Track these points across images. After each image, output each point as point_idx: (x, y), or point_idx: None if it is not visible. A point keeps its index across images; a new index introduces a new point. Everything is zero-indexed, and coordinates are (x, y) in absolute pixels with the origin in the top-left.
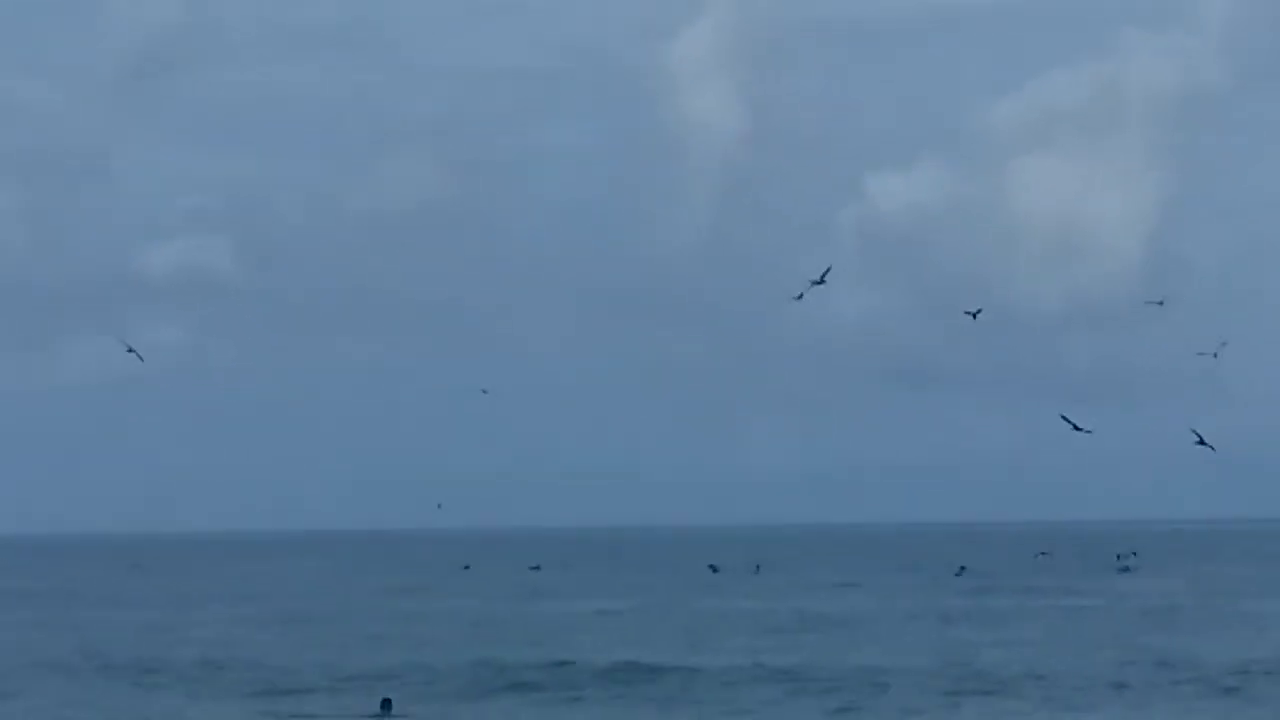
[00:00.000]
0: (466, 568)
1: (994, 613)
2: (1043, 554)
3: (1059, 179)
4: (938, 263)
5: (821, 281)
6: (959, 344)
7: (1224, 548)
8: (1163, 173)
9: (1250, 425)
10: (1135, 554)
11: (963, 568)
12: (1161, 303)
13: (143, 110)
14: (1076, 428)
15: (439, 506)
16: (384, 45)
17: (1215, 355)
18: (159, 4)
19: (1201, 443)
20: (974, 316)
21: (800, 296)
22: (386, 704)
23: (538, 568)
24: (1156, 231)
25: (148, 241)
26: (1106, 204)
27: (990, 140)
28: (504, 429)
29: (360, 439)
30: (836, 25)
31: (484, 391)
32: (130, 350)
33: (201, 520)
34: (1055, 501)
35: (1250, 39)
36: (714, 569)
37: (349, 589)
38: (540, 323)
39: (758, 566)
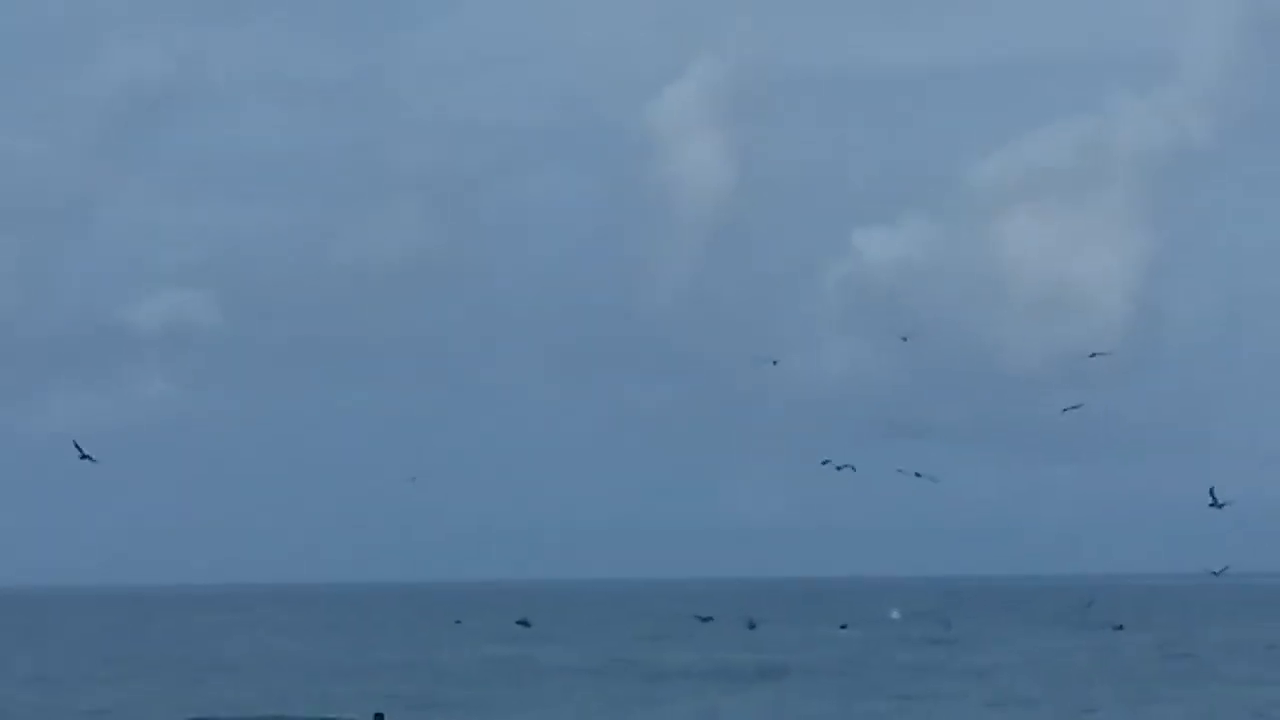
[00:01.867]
0: (458, 622)
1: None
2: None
3: (1045, 235)
4: (924, 317)
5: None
6: (945, 398)
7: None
8: (1148, 229)
9: (1235, 481)
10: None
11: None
12: (1109, 353)
13: (129, 162)
14: (1215, 503)
15: (413, 480)
16: (373, 97)
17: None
18: (146, 55)
19: (1215, 504)
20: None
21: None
22: (379, 718)
23: (526, 623)
24: (1142, 287)
25: (134, 293)
26: (1092, 260)
27: (977, 196)
28: (492, 481)
29: (347, 489)
30: (824, 80)
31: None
32: (84, 456)
33: (190, 573)
34: (1044, 556)
35: (1237, 96)
36: (704, 620)
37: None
38: (527, 374)
39: (751, 623)
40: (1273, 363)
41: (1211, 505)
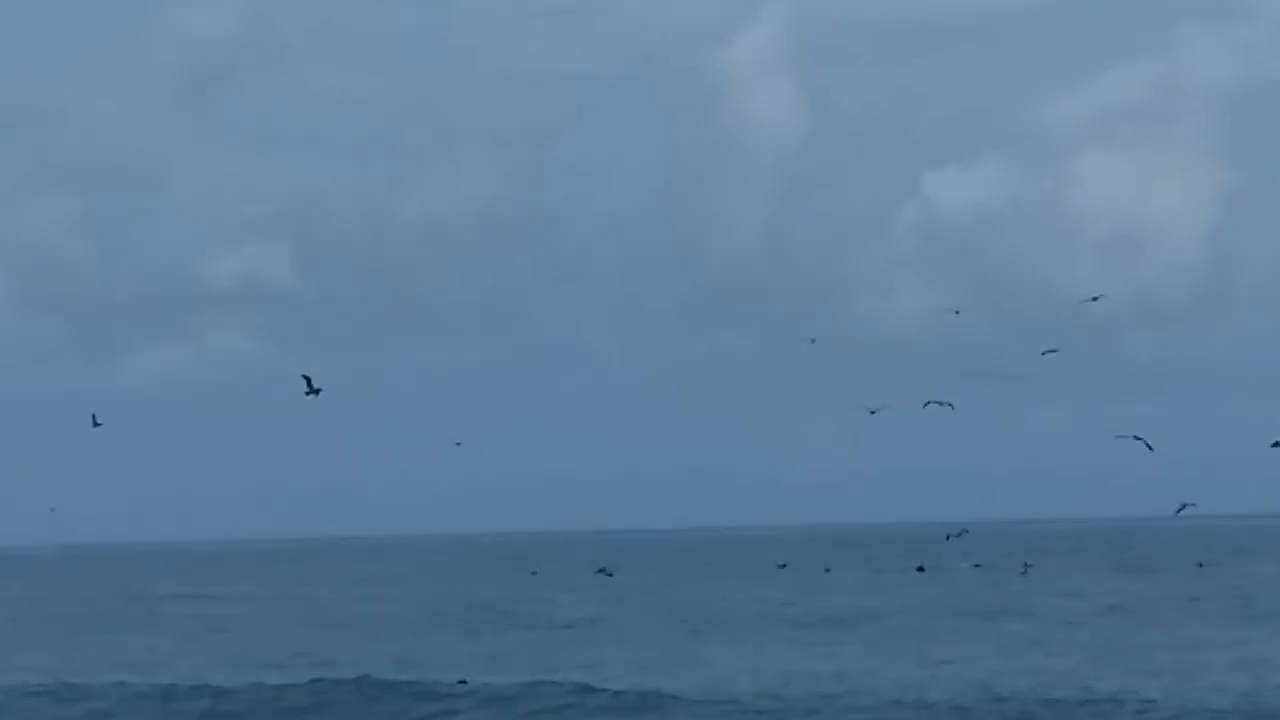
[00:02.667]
0: (534, 573)
1: None
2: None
3: (1120, 176)
4: (999, 260)
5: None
6: (1017, 342)
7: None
8: (1223, 168)
9: None
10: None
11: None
12: (1096, 299)
13: (201, 121)
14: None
15: (458, 444)
16: (440, 51)
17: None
18: (214, 15)
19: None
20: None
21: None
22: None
23: (608, 572)
24: (1218, 227)
25: (209, 250)
26: (1167, 200)
27: (1050, 138)
28: (568, 432)
29: (424, 443)
30: (894, 24)
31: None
32: (97, 424)
33: (270, 527)
34: (1125, 499)
35: None
36: (782, 566)
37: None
38: (599, 326)
39: (827, 568)
40: None
41: (1276, 445)
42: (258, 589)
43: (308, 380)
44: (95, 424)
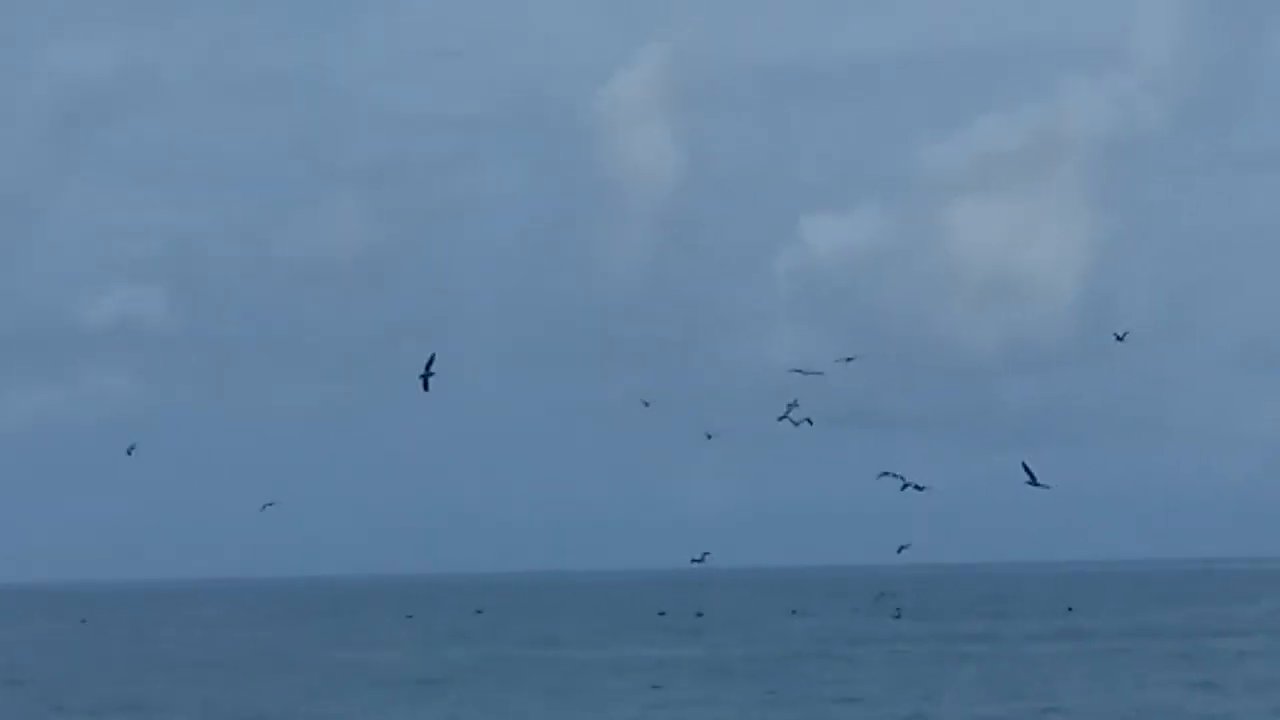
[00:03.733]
0: (409, 617)
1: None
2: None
3: (996, 222)
4: (875, 305)
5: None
6: (895, 385)
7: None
8: (1099, 215)
9: (1187, 465)
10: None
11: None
12: (850, 359)
13: (80, 158)
14: (1034, 481)
15: (266, 506)
16: (320, 91)
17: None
18: (94, 52)
19: (1033, 482)
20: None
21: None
22: None
23: (480, 612)
24: (1092, 273)
25: (84, 290)
26: (1045, 247)
27: (928, 184)
28: (443, 473)
29: (298, 484)
30: (773, 68)
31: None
32: None
33: (142, 569)
34: (998, 543)
35: (1187, 81)
36: (662, 614)
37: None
38: (479, 366)
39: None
40: (1223, 348)
41: (1029, 483)
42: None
43: (427, 366)
44: None
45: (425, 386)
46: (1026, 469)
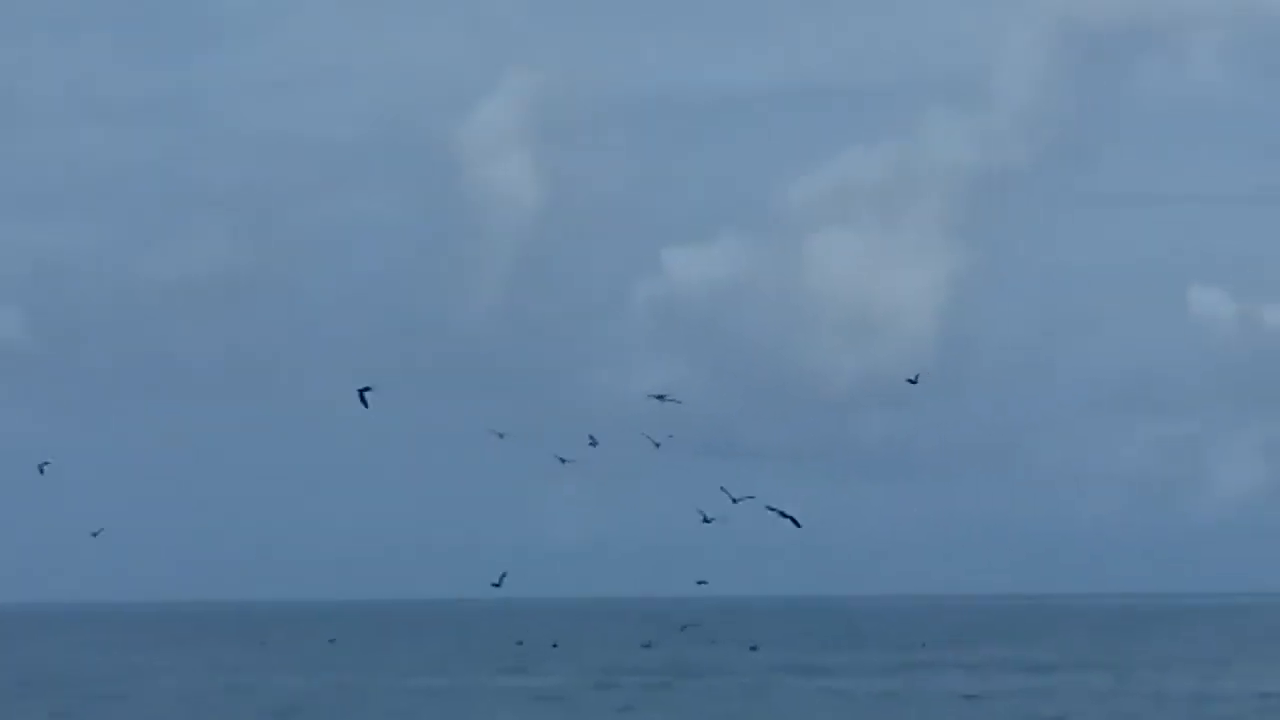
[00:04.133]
0: (262, 643)
1: None
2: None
3: (856, 255)
4: (736, 337)
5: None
6: (755, 419)
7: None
8: (961, 249)
9: (1040, 502)
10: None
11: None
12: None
13: None
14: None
15: (96, 533)
16: (185, 113)
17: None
18: None
19: (785, 515)
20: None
21: (708, 520)
22: None
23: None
24: (952, 307)
25: None
26: (905, 281)
27: (790, 216)
28: (303, 500)
29: (161, 509)
30: (638, 100)
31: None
32: None
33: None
34: (850, 576)
35: (1048, 115)
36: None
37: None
38: (340, 392)
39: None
40: (1083, 384)
41: (705, 521)
42: None
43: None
44: None
45: (364, 404)
46: (774, 509)
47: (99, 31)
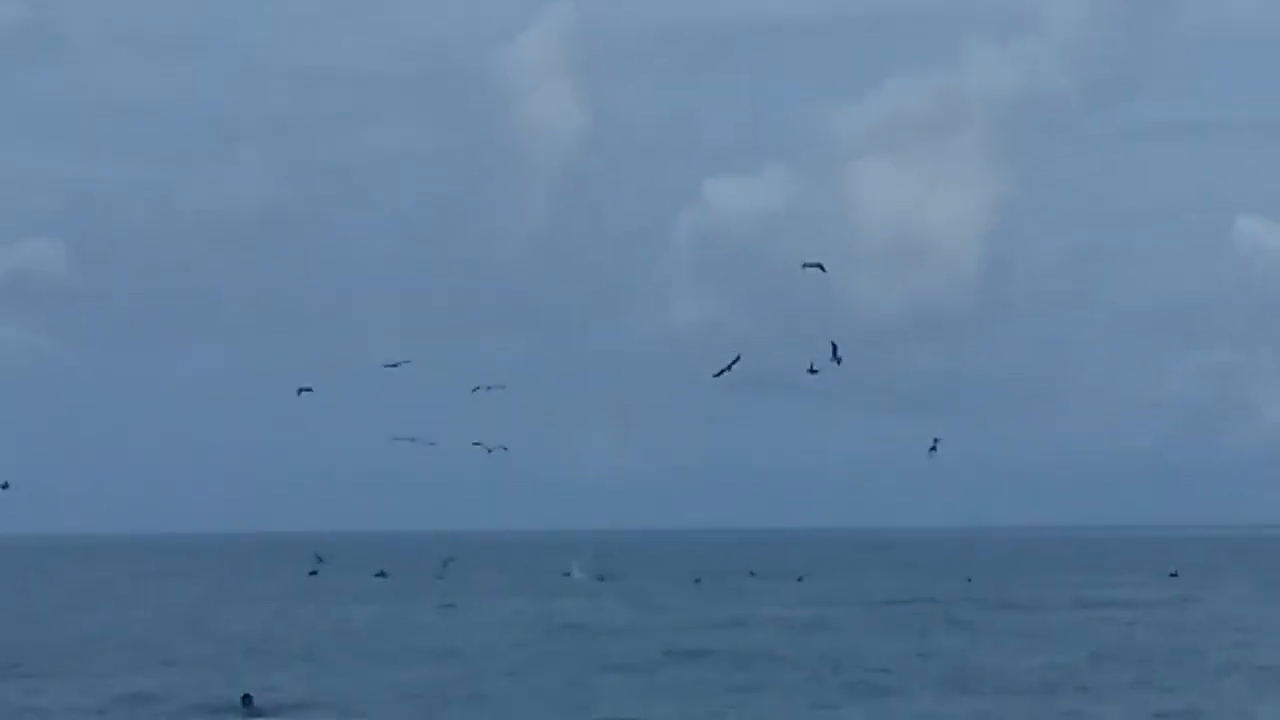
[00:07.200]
0: (314, 572)
1: None
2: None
3: (900, 186)
4: (779, 269)
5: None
6: (796, 350)
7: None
8: (1004, 179)
9: (1087, 432)
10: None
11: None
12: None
13: None
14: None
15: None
16: (223, 47)
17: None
18: None
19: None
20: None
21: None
22: (247, 699)
23: (384, 574)
24: (996, 237)
25: None
26: (948, 211)
27: (833, 147)
28: (339, 432)
29: (200, 441)
30: (679, 30)
31: (303, 391)
32: None
33: (32, 523)
34: (898, 508)
35: (1094, 47)
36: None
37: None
38: (376, 326)
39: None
40: (1127, 314)
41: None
42: None
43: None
44: None
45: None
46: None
47: None
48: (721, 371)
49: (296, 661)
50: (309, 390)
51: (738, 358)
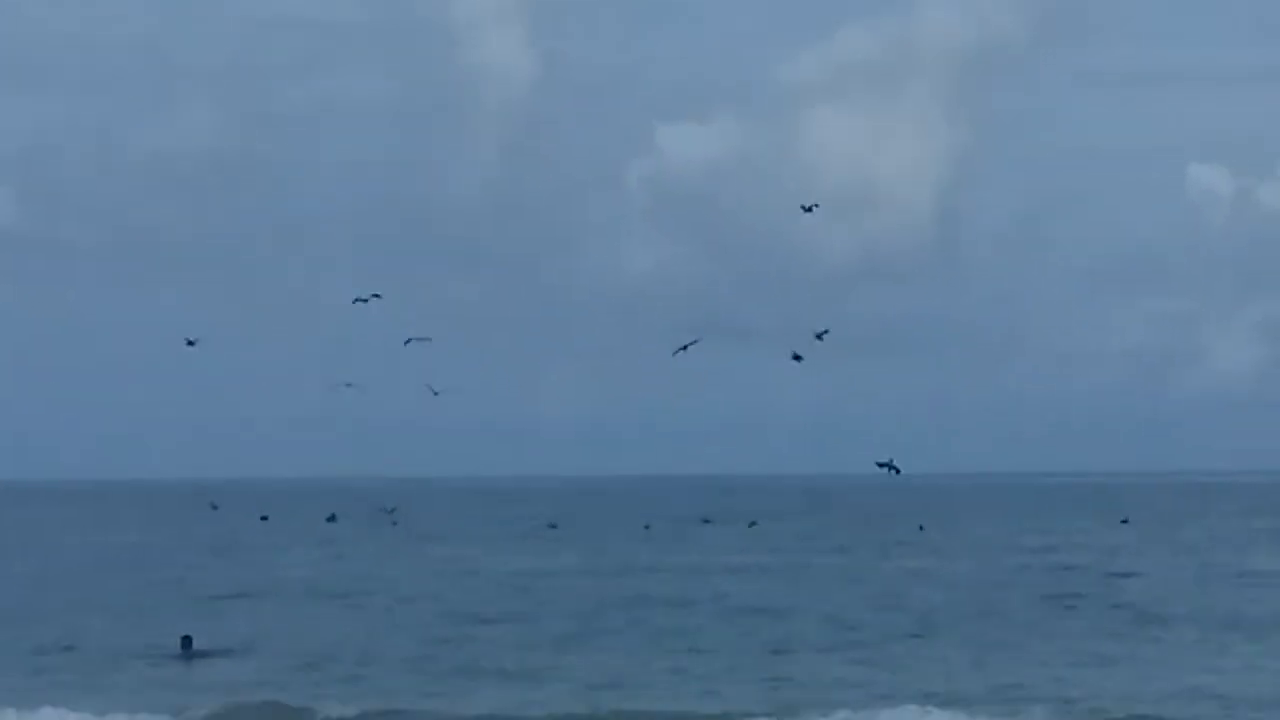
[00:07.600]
0: (264, 518)
1: None
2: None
3: (852, 133)
4: (730, 215)
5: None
6: (749, 297)
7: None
8: (956, 127)
9: (1040, 379)
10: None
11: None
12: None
13: None
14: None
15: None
16: None
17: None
18: None
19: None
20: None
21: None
22: (187, 641)
23: (333, 518)
24: (948, 184)
25: None
26: (899, 158)
27: (785, 94)
28: (289, 380)
29: (143, 387)
30: None
31: (191, 343)
32: None
33: None
34: (850, 454)
35: None
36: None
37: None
38: (325, 273)
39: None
40: (1080, 262)
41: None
42: None
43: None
44: None
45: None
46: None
47: None
48: (679, 351)
49: (238, 604)
50: (193, 344)
51: (697, 340)
